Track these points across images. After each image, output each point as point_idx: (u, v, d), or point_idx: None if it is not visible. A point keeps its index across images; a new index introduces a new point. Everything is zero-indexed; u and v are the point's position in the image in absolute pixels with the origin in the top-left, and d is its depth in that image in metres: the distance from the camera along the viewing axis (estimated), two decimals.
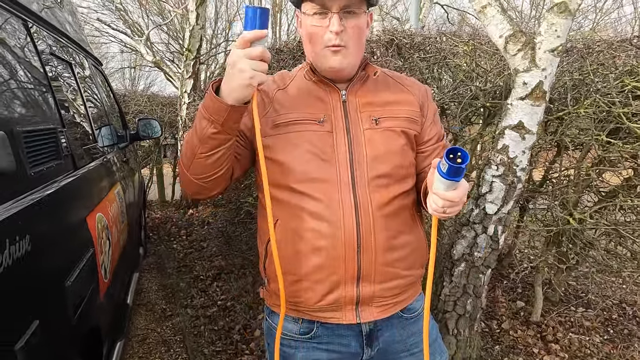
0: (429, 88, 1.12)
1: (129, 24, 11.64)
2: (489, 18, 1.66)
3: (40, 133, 1.30)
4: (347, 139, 0.98)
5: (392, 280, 1.01)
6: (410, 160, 1.04)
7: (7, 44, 1.26)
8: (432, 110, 1.09)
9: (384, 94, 1.04)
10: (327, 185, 0.96)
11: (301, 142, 0.98)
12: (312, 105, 1.01)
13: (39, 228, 1.11)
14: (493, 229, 1.86)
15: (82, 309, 1.36)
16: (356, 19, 0.95)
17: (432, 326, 1.16)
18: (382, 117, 1.01)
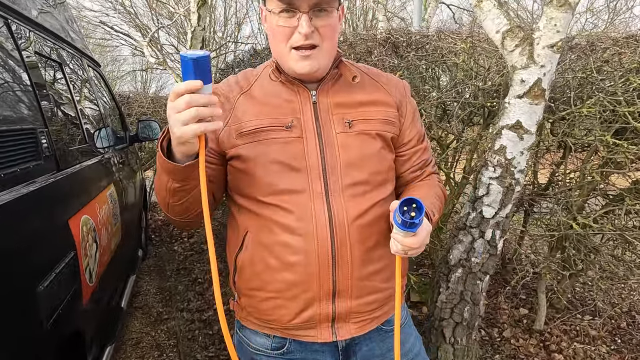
0: (407, 84, 1.06)
1: (138, 27, 11.75)
2: (485, 12, 1.59)
3: (15, 133, 1.27)
4: (318, 145, 0.90)
5: (370, 295, 0.96)
6: (388, 165, 0.98)
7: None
8: (411, 109, 1.03)
9: (358, 93, 0.96)
10: (299, 196, 0.89)
11: (268, 151, 0.89)
12: (278, 108, 0.92)
13: (5, 231, 1.07)
14: (491, 234, 1.78)
15: (60, 314, 1.33)
16: (327, 16, 0.87)
17: (415, 338, 1.10)
18: (356, 120, 0.93)
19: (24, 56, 1.53)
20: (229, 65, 2.56)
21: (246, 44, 13.31)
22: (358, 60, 2.27)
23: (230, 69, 2.44)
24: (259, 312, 0.98)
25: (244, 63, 2.40)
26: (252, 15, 16.21)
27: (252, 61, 2.27)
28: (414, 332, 1.11)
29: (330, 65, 0.94)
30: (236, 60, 2.50)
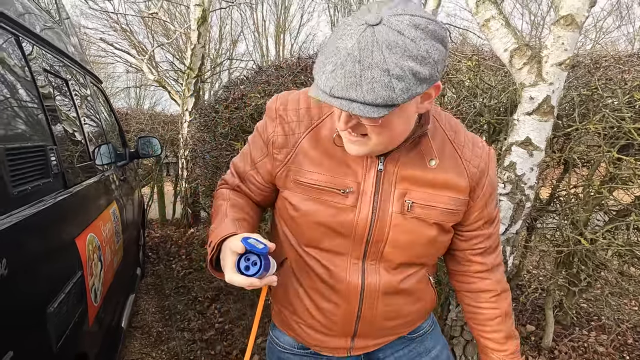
0: (493, 154, 0.91)
1: (134, 44, 11.81)
2: (493, 32, 1.62)
3: (27, 150, 1.25)
4: (370, 218, 0.84)
5: (390, 336, 1.01)
6: (437, 248, 0.92)
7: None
8: (489, 191, 0.90)
9: (431, 168, 0.84)
10: (338, 257, 0.89)
11: (319, 212, 0.86)
12: (341, 167, 0.84)
13: (17, 251, 1.04)
14: (501, 250, 1.77)
15: (67, 335, 1.29)
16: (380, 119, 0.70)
17: (442, 347, 1.09)
18: (418, 203, 0.84)
19: (34, 73, 1.53)
20: (232, 82, 2.57)
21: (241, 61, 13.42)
22: None
23: (235, 86, 2.45)
24: (286, 324, 1.02)
25: (248, 80, 2.41)
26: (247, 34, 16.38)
27: (256, 78, 2.29)
28: (442, 340, 1.10)
29: (396, 144, 0.80)
30: (240, 77, 2.52)
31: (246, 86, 2.30)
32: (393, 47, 0.63)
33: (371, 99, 0.65)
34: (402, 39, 0.63)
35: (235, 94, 2.20)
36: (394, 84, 0.64)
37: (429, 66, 0.65)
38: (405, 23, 0.64)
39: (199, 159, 2.70)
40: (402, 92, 0.65)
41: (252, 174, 0.96)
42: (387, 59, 0.63)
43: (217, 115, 2.22)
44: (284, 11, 14.98)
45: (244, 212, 0.94)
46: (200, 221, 5.41)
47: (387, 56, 0.63)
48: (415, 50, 0.64)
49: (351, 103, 0.66)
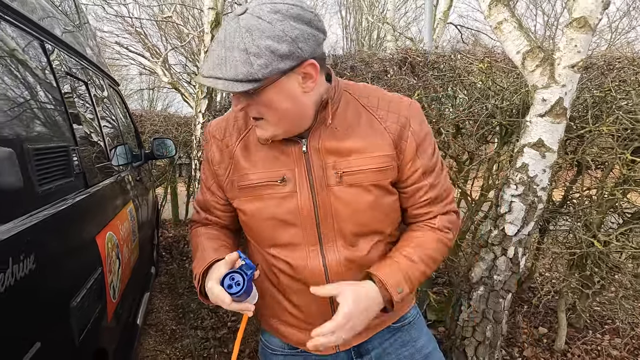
0: (414, 108, 0.93)
1: (147, 47, 11.98)
2: (506, 34, 1.63)
3: (51, 151, 1.30)
4: (311, 198, 0.90)
5: (375, 327, 1.01)
6: (385, 210, 0.94)
7: (22, 62, 1.27)
8: (414, 143, 0.91)
9: (350, 138, 0.90)
10: (295, 248, 0.93)
11: (265, 208, 0.92)
12: (272, 161, 0.92)
13: (45, 246, 1.08)
14: (513, 251, 1.78)
15: (88, 330, 1.33)
16: (259, 96, 0.79)
17: (428, 338, 1.09)
18: (347, 171, 0.89)
19: (56, 75, 1.58)
20: None
21: None
22: (373, 79, 2.30)
23: None
24: (271, 326, 1.05)
25: None
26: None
27: None
28: (426, 331, 1.10)
29: (301, 124, 0.88)
30: None
31: None
32: (252, 30, 0.74)
33: (233, 75, 0.75)
34: (260, 22, 0.74)
35: None
36: (252, 61, 0.74)
37: (287, 44, 0.75)
38: (266, 10, 0.75)
39: None
40: (260, 68, 0.74)
41: (211, 199, 1.04)
42: (246, 40, 0.74)
43: None
44: None
45: (220, 241, 1.01)
46: None
47: (245, 38, 0.74)
48: (271, 31, 0.74)
49: (217, 80, 0.76)
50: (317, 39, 0.79)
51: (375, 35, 14.15)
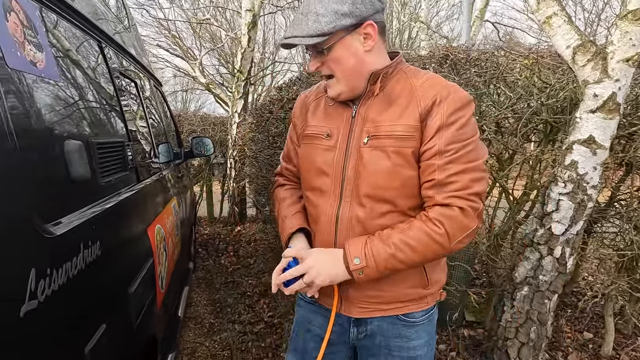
0: (458, 96, 0.96)
1: (183, 50, 12.31)
2: (555, 28, 1.59)
3: (111, 146, 1.37)
4: (344, 156, 1.03)
5: (370, 290, 1.07)
6: (401, 181, 0.98)
7: (83, 62, 1.35)
8: (439, 121, 0.95)
9: (392, 107, 1.00)
10: (323, 195, 1.08)
11: (311, 154, 1.10)
12: (326, 119, 1.09)
13: (108, 235, 1.15)
14: (560, 251, 1.74)
15: (142, 316, 1.39)
16: (330, 52, 0.97)
17: (426, 344, 1.13)
18: (375, 135, 0.99)
19: (112, 75, 1.66)
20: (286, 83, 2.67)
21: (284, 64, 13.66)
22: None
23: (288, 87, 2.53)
24: None
25: (301, 81, 2.49)
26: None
27: (310, 79, 2.35)
28: (427, 340, 1.13)
29: (356, 88, 1.02)
30: (293, 79, 2.61)
31: (299, 87, 2.37)
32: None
33: (306, 32, 0.94)
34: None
35: (289, 94, 2.27)
36: (319, 20, 0.93)
37: (347, 4, 0.93)
38: None
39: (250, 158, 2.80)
40: (327, 24, 0.93)
41: (291, 148, 1.24)
42: (317, 5, 0.94)
43: (271, 115, 2.31)
44: None
45: (294, 205, 1.19)
46: (246, 219, 5.57)
47: (316, 3, 0.94)
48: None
49: (294, 39, 0.95)
50: (374, 4, 0.96)
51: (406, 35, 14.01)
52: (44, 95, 0.97)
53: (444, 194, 0.96)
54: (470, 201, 0.95)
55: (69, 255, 0.89)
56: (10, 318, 0.68)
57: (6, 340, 0.66)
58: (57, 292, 0.82)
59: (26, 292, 0.72)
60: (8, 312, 0.68)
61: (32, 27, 0.98)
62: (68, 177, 0.98)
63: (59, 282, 0.83)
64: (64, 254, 0.88)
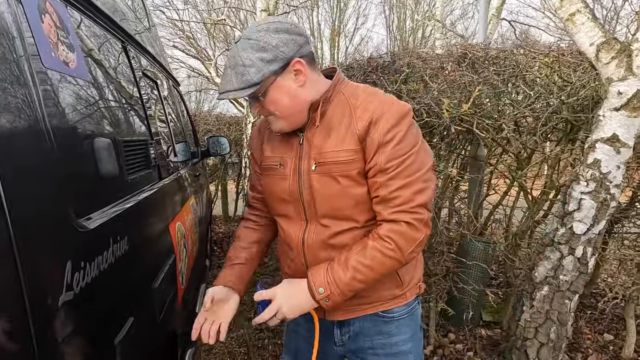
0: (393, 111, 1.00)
1: (197, 51, 12.43)
2: (578, 26, 1.58)
3: (135, 144, 1.40)
4: (297, 183, 1.09)
5: (357, 307, 1.13)
6: (354, 200, 1.04)
7: (109, 62, 1.38)
8: (377, 140, 0.99)
9: (334, 132, 1.04)
10: (290, 220, 1.14)
11: (269, 184, 1.16)
12: (278, 148, 1.14)
13: (134, 230, 1.17)
14: (581, 251, 1.72)
15: (165, 311, 1.42)
16: (266, 97, 1.02)
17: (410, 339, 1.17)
18: (321, 162, 1.04)
19: (135, 74, 1.69)
20: None
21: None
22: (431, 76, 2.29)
23: None
24: (285, 276, 1.24)
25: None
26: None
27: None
28: (411, 332, 1.17)
29: (297, 121, 1.06)
30: None
31: None
32: (244, 48, 0.97)
33: (237, 86, 0.98)
34: (249, 42, 0.97)
35: None
36: (247, 71, 0.97)
37: (270, 51, 0.97)
38: (252, 31, 0.98)
39: None
40: (255, 74, 0.97)
41: (256, 178, 1.27)
42: (242, 57, 0.97)
43: None
44: (340, 14, 15.10)
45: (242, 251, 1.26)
46: None
47: (241, 55, 0.97)
48: (257, 45, 0.97)
49: (228, 93, 1.00)
50: (297, 41, 0.99)
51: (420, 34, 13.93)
52: (76, 94, 1.00)
53: (389, 210, 1.01)
54: (415, 214, 1.00)
55: (100, 249, 0.92)
56: (50, 308, 0.70)
57: (46, 330, 0.69)
58: (90, 285, 0.84)
59: (63, 283, 0.74)
60: (48, 302, 0.70)
61: (64, 28, 1.01)
62: (98, 174, 1.01)
63: (92, 275, 0.86)
64: (96, 248, 0.90)
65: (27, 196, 0.69)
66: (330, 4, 14.86)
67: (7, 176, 0.63)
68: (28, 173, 0.71)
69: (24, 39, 0.78)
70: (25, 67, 0.76)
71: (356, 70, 2.21)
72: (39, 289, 0.68)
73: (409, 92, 2.12)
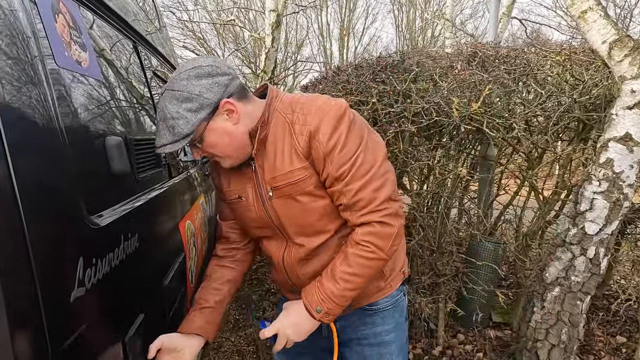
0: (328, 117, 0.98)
1: (207, 51, 12.51)
2: (590, 23, 1.56)
3: (146, 142, 1.41)
4: (263, 209, 1.09)
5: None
6: (320, 213, 1.06)
7: (121, 62, 1.39)
8: (322, 152, 0.98)
9: (279, 154, 1.03)
10: (270, 239, 1.15)
11: (240, 216, 1.17)
12: (235, 181, 1.13)
13: (144, 228, 1.18)
14: (594, 251, 1.69)
15: (175, 309, 1.43)
16: (203, 142, 1.01)
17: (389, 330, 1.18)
18: (276, 186, 1.04)
19: (146, 74, 1.71)
20: (311, 82, 2.69)
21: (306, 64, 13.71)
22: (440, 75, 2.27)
23: (314, 86, 2.55)
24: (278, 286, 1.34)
25: (326, 79, 2.50)
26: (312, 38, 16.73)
27: (335, 77, 2.36)
28: (394, 325, 1.19)
29: (245, 150, 1.04)
30: (318, 78, 2.63)
31: (325, 85, 2.39)
32: (170, 100, 0.96)
33: (171, 139, 0.97)
34: (173, 93, 0.96)
35: (315, 92, 2.29)
36: (177, 124, 0.95)
37: (196, 100, 0.95)
38: (175, 82, 0.97)
39: None
40: (185, 125, 0.95)
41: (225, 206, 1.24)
42: (169, 110, 0.96)
43: None
44: (349, 14, 15.09)
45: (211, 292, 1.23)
46: None
47: (168, 109, 0.96)
48: (181, 96, 0.95)
49: (165, 147, 0.98)
50: (221, 83, 0.97)
51: (429, 33, 13.87)
52: (88, 93, 1.01)
53: (357, 214, 1.01)
54: (383, 210, 1.00)
55: (111, 246, 0.93)
56: (62, 303, 0.71)
57: (58, 325, 0.70)
58: (101, 281, 0.86)
59: (75, 279, 0.75)
60: (60, 297, 0.71)
61: (77, 27, 1.02)
62: (109, 172, 1.02)
63: (103, 272, 0.87)
64: (107, 244, 0.91)
65: (39, 193, 0.70)
66: (339, 4, 14.86)
67: (21, 173, 0.64)
68: (41, 170, 0.72)
69: (38, 39, 0.80)
70: (39, 67, 0.77)
71: (365, 70, 2.21)
72: (51, 284, 0.69)
73: (419, 91, 2.11)
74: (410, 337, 2.48)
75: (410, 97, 2.08)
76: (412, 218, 2.23)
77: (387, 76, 2.13)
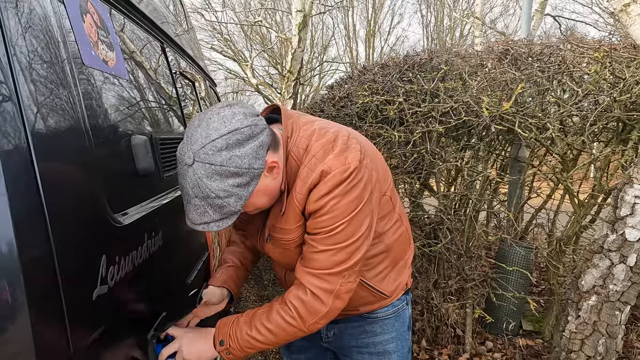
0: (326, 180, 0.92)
1: (234, 52, 12.68)
2: (633, 17, 1.47)
3: (171, 141, 1.42)
4: (260, 245, 1.13)
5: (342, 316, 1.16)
6: None
7: (148, 62, 1.41)
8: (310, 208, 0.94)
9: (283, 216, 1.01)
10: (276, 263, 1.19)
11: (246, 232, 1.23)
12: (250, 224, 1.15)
13: (168, 227, 1.19)
14: (634, 259, 1.60)
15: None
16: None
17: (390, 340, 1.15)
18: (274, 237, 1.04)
19: (173, 74, 1.72)
20: (337, 82, 2.67)
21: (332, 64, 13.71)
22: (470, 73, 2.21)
23: (340, 86, 2.53)
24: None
25: (352, 79, 2.47)
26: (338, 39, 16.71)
27: (362, 77, 2.33)
28: (395, 335, 1.16)
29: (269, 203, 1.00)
30: (344, 78, 2.60)
31: (351, 85, 2.36)
32: (209, 177, 0.83)
33: (219, 217, 0.86)
34: (213, 167, 0.83)
35: (341, 92, 2.26)
36: (226, 202, 0.85)
37: (245, 174, 0.85)
38: (210, 152, 0.82)
39: None
40: (235, 202, 0.85)
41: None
42: (211, 188, 0.83)
43: (322, 114, 2.32)
44: (375, 14, 15.00)
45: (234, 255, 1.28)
46: None
47: (210, 186, 0.83)
48: (226, 171, 0.83)
49: (208, 225, 0.87)
50: (264, 143, 0.88)
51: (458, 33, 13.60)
52: (114, 92, 1.02)
53: (303, 268, 0.98)
54: (325, 282, 0.95)
55: (135, 244, 0.93)
56: (84, 300, 0.71)
57: (79, 322, 0.70)
58: (124, 279, 0.86)
59: (98, 277, 0.76)
60: (82, 295, 0.71)
61: (104, 27, 1.03)
62: (134, 171, 1.03)
63: (126, 270, 0.87)
64: (130, 243, 0.91)
65: (64, 190, 0.71)
66: (366, 4, 14.79)
67: (47, 170, 0.64)
68: (66, 168, 0.73)
69: (66, 38, 0.80)
70: (67, 65, 0.78)
71: (392, 69, 2.17)
72: (74, 282, 0.69)
73: (447, 90, 2.05)
74: (436, 342, 2.41)
75: (438, 97, 2.03)
76: (439, 221, 2.17)
77: (415, 75, 2.08)
